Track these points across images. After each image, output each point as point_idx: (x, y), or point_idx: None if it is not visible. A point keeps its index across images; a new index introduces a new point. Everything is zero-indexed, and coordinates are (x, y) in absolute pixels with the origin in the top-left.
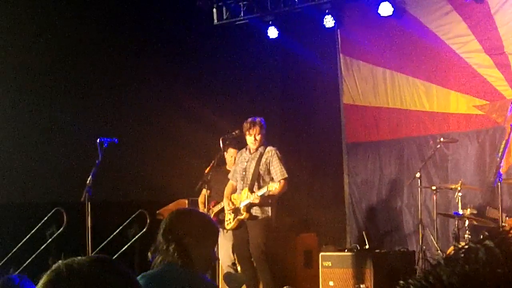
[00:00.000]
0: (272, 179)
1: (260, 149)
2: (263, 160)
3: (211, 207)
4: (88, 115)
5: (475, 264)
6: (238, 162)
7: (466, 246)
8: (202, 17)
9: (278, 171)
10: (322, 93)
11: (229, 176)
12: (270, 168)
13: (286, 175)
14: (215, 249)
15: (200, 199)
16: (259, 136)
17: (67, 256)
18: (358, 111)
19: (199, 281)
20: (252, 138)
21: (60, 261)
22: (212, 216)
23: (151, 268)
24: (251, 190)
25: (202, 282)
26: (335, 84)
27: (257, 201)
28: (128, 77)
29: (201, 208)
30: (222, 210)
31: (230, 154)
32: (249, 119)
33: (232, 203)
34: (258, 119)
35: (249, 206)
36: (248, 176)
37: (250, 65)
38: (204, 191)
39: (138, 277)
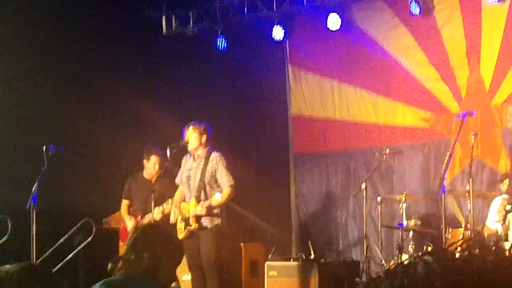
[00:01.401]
0: (218, 186)
1: (204, 154)
2: (208, 168)
3: (138, 219)
4: (34, 122)
5: (414, 277)
6: (184, 169)
7: (406, 261)
8: (151, 26)
9: (224, 178)
10: (270, 104)
11: (177, 181)
12: (217, 176)
13: (232, 182)
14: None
15: (123, 210)
16: (196, 137)
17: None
18: (305, 122)
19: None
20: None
21: None
22: None
23: (108, 276)
24: (198, 200)
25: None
26: (283, 95)
27: (203, 212)
28: (74, 85)
29: (128, 221)
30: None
31: (152, 161)
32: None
33: (181, 212)
34: (200, 123)
35: (198, 216)
36: (194, 185)
37: (199, 75)
38: (124, 201)
39: (100, 283)
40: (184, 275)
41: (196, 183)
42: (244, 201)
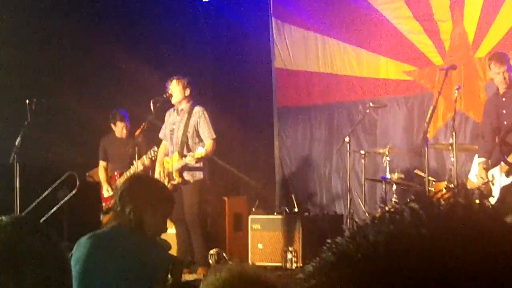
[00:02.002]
0: (201, 141)
1: (187, 108)
2: (191, 122)
3: (116, 178)
4: (16, 76)
5: (400, 224)
6: (167, 123)
7: (392, 209)
8: None
9: (206, 132)
10: (254, 57)
11: (160, 136)
12: (199, 129)
13: (214, 136)
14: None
15: (101, 172)
16: (180, 90)
17: None
18: (289, 75)
19: (149, 242)
20: (173, 92)
21: None
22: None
23: (95, 227)
24: (181, 154)
25: (153, 244)
26: (267, 48)
27: (193, 162)
28: (55, 37)
29: (105, 181)
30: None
31: (119, 127)
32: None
33: (164, 166)
34: (184, 77)
35: (181, 171)
36: (177, 139)
37: (183, 28)
38: (101, 163)
39: (87, 236)
40: (169, 229)
41: (179, 137)
42: (228, 154)
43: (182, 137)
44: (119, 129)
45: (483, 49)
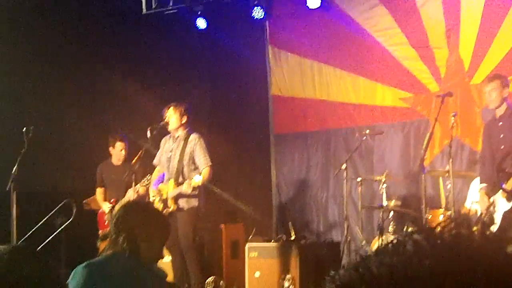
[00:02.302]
0: (196, 168)
1: (183, 135)
2: (187, 149)
3: (113, 204)
4: (14, 104)
5: (403, 255)
6: (163, 150)
7: (395, 240)
8: (131, 5)
9: (202, 160)
10: (250, 84)
11: (155, 162)
12: (195, 156)
13: (210, 163)
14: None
15: (99, 198)
16: (177, 117)
17: None
18: (285, 102)
19: (145, 270)
20: (170, 119)
21: None
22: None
23: (92, 255)
24: (177, 181)
25: (149, 272)
26: (263, 75)
27: (189, 190)
28: (54, 64)
29: (104, 205)
30: None
31: (118, 148)
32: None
33: (160, 193)
34: (181, 104)
35: (176, 198)
36: (173, 166)
37: (179, 55)
38: (99, 189)
39: (83, 265)
40: (165, 257)
41: (175, 164)
42: (224, 181)
43: (178, 164)
44: (117, 151)
45: (479, 75)
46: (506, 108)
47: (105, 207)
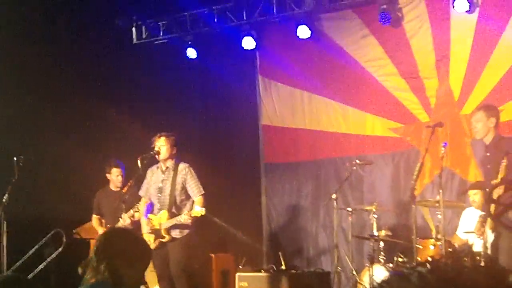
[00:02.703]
0: (188, 197)
1: (172, 166)
2: (178, 179)
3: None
4: (3, 133)
5: None
6: (151, 181)
7: (400, 272)
8: (122, 35)
9: (194, 188)
10: (240, 114)
11: (141, 194)
12: (187, 186)
13: (203, 191)
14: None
15: (95, 223)
16: (167, 148)
17: None
18: (276, 132)
19: None
20: (161, 149)
21: None
22: None
23: (80, 285)
24: (170, 212)
25: None
26: (253, 105)
27: (189, 221)
28: (45, 93)
29: (100, 230)
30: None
31: (114, 174)
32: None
33: (151, 223)
34: (171, 134)
35: (169, 228)
36: (165, 197)
37: (170, 85)
38: (95, 216)
39: None
40: (154, 286)
41: (167, 195)
42: (214, 210)
43: (170, 195)
44: (114, 176)
45: (469, 106)
46: (492, 138)
47: (101, 231)
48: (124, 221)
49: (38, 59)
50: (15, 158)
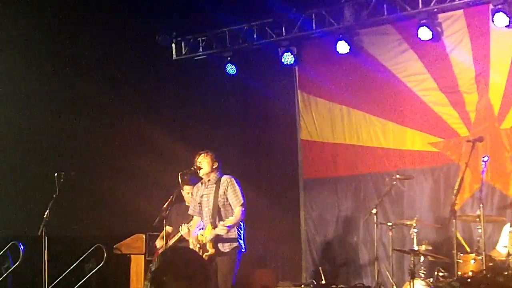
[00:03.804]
0: (232, 208)
1: (214, 179)
2: (220, 191)
3: (169, 239)
4: (46, 149)
5: None
6: (196, 197)
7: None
8: (162, 52)
9: (233, 199)
10: (280, 129)
11: (190, 212)
12: (227, 196)
13: (242, 201)
14: None
15: (162, 234)
16: (208, 162)
17: None
18: (315, 147)
19: None
20: (202, 165)
21: None
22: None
23: None
24: (214, 225)
25: None
26: (292, 120)
27: (224, 231)
28: (87, 110)
29: (160, 242)
30: (181, 238)
31: (186, 191)
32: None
33: (198, 240)
34: (207, 151)
35: (215, 241)
36: (208, 210)
37: (209, 100)
38: (167, 227)
39: None
40: None
41: (210, 208)
42: (254, 226)
43: (212, 208)
44: (185, 193)
45: (509, 120)
46: None
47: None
48: (183, 230)
49: (80, 77)
50: (56, 174)
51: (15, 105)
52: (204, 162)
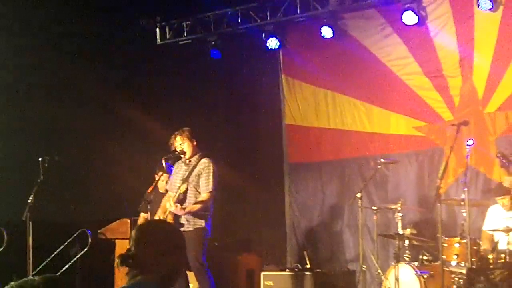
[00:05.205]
0: (196, 191)
1: (195, 160)
2: (195, 171)
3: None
4: (29, 134)
5: None
6: (175, 173)
7: None
8: (146, 36)
9: (204, 184)
10: (264, 113)
11: (167, 187)
12: (200, 180)
13: (211, 189)
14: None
15: (140, 222)
16: (188, 144)
17: (6, 276)
18: (300, 131)
19: None
20: (184, 148)
21: (12, 283)
22: None
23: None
24: (178, 198)
25: None
26: (277, 105)
27: (176, 210)
28: (70, 95)
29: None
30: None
31: (162, 178)
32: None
33: (165, 213)
34: (183, 129)
35: (175, 214)
36: (177, 188)
37: (194, 85)
38: (143, 214)
39: None
40: None
41: (180, 182)
42: (238, 210)
43: (182, 182)
44: (160, 180)
45: (493, 104)
46: None
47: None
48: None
49: (64, 60)
50: (40, 159)
51: None
52: (185, 145)
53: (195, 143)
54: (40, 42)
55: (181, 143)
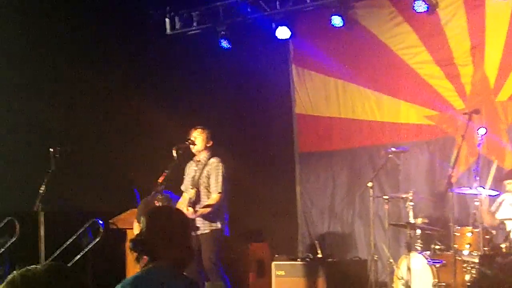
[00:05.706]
0: (210, 192)
1: (205, 159)
2: (205, 171)
3: None
4: (41, 125)
5: None
6: (187, 174)
7: None
8: (155, 26)
9: (213, 184)
10: (274, 103)
11: (182, 188)
12: (210, 180)
13: (220, 190)
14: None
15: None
16: (203, 139)
17: (20, 266)
18: (310, 121)
19: (179, 279)
20: (196, 140)
21: (15, 272)
22: None
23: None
24: (190, 201)
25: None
26: (287, 94)
27: (190, 216)
28: (82, 86)
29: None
30: None
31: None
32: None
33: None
34: (204, 127)
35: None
36: (189, 189)
37: (203, 75)
38: (156, 204)
39: (130, 280)
40: None
41: (191, 183)
42: (249, 201)
43: (193, 182)
44: None
45: (504, 92)
46: None
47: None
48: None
49: (74, 51)
50: (51, 149)
51: (7, 82)
52: (199, 138)
53: (210, 143)
54: (49, 35)
55: (197, 136)
